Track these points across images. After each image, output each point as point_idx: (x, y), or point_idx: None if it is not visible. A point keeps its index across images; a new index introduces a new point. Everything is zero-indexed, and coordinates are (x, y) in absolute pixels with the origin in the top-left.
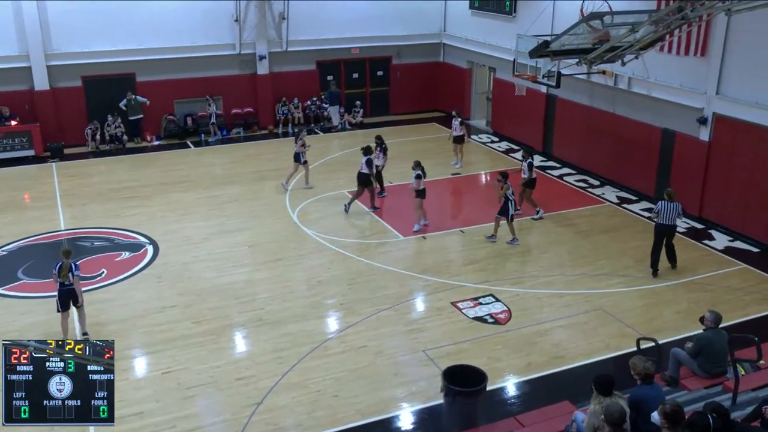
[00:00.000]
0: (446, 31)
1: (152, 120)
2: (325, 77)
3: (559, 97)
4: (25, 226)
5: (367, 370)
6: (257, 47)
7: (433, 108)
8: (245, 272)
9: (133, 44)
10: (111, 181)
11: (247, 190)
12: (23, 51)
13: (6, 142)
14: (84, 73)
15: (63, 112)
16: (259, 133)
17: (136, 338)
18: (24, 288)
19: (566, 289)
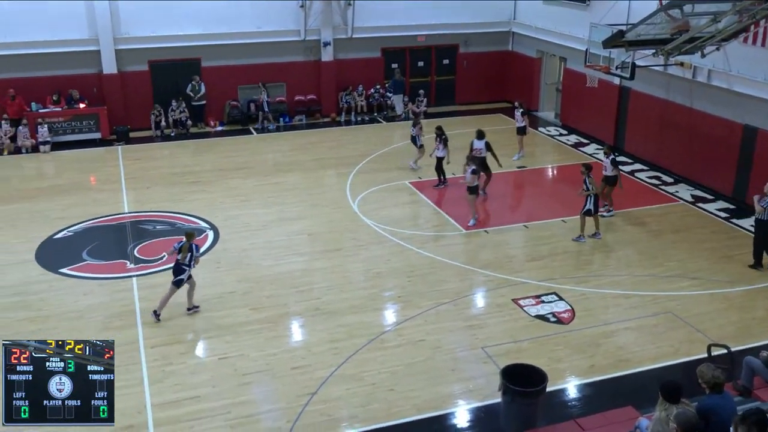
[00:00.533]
0: (516, 19)
1: (215, 106)
2: (389, 65)
3: (632, 90)
4: (91, 208)
5: (424, 365)
6: (322, 33)
7: (500, 98)
8: (303, 261)
9: (199, 29)
10: (174, 166)
11: (307, 178)
12: (93, 35)
13: (74, 125)
14: (151, 58)
15: (129, 96)
16: (321, 121)
17: (193, 323)
18: (88, 269)
19: (634, 290)
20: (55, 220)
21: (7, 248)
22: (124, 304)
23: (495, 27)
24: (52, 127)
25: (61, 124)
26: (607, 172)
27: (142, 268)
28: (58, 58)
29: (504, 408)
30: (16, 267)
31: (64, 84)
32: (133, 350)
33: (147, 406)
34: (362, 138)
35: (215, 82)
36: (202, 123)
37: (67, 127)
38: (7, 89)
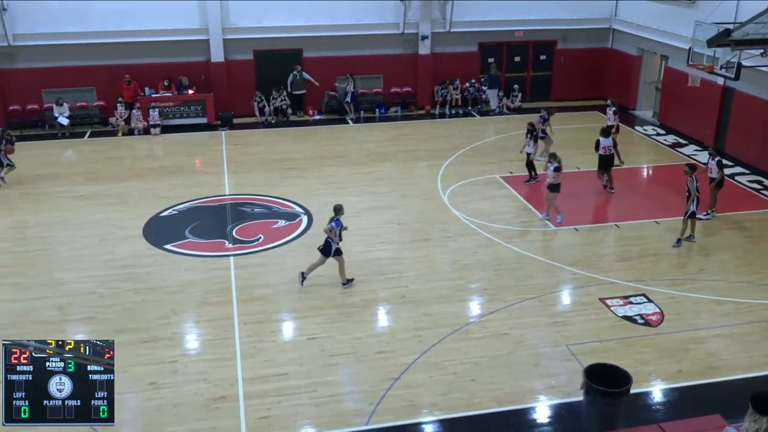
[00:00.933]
0: (617, 15)
1: (314, 95)
2: (486, 59)
3: (737, 90)
4: (194, 189)
5: (507, 358)
6: (420, 27)
7: (597, 96)
8: (392, 249)
9: (302, 21)
10: (273, 152)
11: (400, 169)
12: (203, 24)
13: (183, 110)
14: (255, 47)
15: (234, 84)
16: (415, 113)
17: (285, 303)
18: (189, 246)
19: (728, 296)
20: (162, 199)
21: (119, 224)
22: (221, 281)
23: (595, 23)
24: (163, 111)
25: (170, 108)
26: (713, 174)
27: (239, 248)
28: (170, 46)
29: (585, 407)
30: (126, 241)
31: (174, 71)
32: (227, 326)
33: (239, 380)
34: (455, 131)
35: (315, 72)
36: (302, 111)
37: (176, 112)
38: (123, 75)
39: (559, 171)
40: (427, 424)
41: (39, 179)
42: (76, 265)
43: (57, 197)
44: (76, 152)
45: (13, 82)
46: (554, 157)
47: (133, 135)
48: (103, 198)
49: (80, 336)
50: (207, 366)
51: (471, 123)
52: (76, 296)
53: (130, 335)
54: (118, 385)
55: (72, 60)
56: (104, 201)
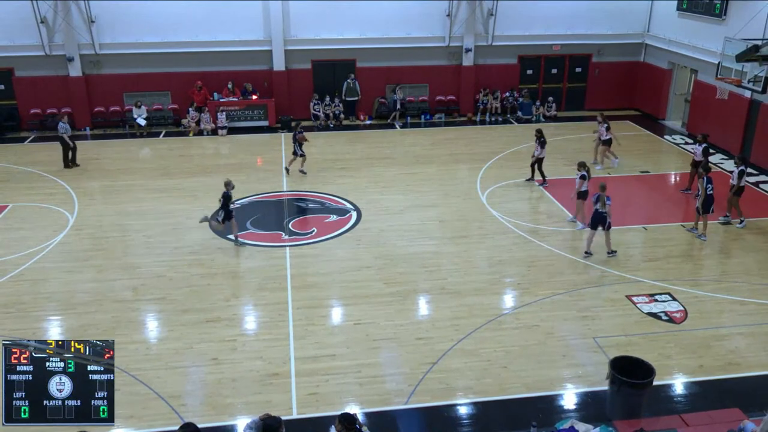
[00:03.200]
0: (650, 31)
1: (366, 102)
2: (525, 71)
3: (763, 103)
4: (255, 185)
5: (537, 348)
6: (465, 40)
7: (628, 106)
8: (433, 244)
9: (356, 33)
10: (327, 153)
11: (442, 170)
12: (267, 36)
13: (247, 113)
14: (313, 57)
15: (293, 90)
16: (458, 120)
17: (334, 291)
18: (250, 237)
19: (750, 297)
20: None
21: (188, 214)
22: (278, 269)
23: (628, 38)
24: (229, 114)
25: (236, 112)
26: (733, 181)
27: (294, 239)
28: (237, 55)
29: (610, 396)
30: (195, 230)
31: (240, 78)
32: (282, 309)
33: (291, 359)
34: (494, 137)
35: (367, 80)
36: (354, 117)
37: (241, 115)
38: (195, 81)
39: (584, 179)
40: (461, 405)
41: (119, 173)
42: (149, 250)
43: (134, 190)
44: (151, 150)
45: (99, 87)
46: (582, 165)
47: (203, 135)
48: (174, 191)
49: (151, 315)
50: (263, 345)
51: (509, 130)
52: (149, 278)
53: (196, 315)
54: (184, 360)
55: (150, 67)
56: (176, 194)
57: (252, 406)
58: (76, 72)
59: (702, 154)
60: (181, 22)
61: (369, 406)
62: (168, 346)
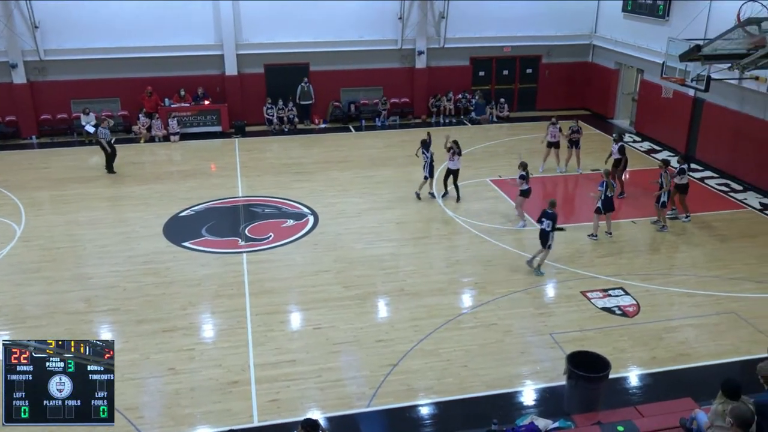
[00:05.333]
0: (597, 32)
1: (320, 105)
2: (477, 72)
3: (706, 101)
4: (210, 191)
5: (496, 346)
6: (417, 43)
7: (578, 106)
8: (391, 246)
9: (309, 37)
10: (282, 157)
11: (398, 173)
12: (218, 41)
13: (199, 118)
14: (266, 62)
15: (247, 95)
16: (412, 122)
17: (293, 296)
18: (206, 243)
19: (698, 289)
20: (181, 200)
21: (141, 223)
22: (235, 276)
23: (577, 39)
24: (181, 120)
25: (188, 117)
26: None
27: (251, 245)
28: (188, 60)
29: (568, 391)
30: (148, 239)
31: (192, 83)
32: (240, 316)
33: (251, 366)
34: None
35: (320, 84)
36: (308, 120)
37: (193, 121)
38: (145, 87)
39: (523, 179)
40: (423, 406)
41: (68, 182)
42: (102, 261)
43: (85, 199)
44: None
45: (45, 94)
46: (524, 166)
47: (154, 142)
48: (126, 200)
49: (105, 326)
50: (221, 353)
51: (463, 131)
52: (102, 289)
53: (151, 325)
54: (141, 371)
55: (98, 73)
56: (128, 202)
57: (211, 416)
58: (20, 79)
59: (618, 152)
60: (130, 26)
61: (331, 411)
62: (124, 357)
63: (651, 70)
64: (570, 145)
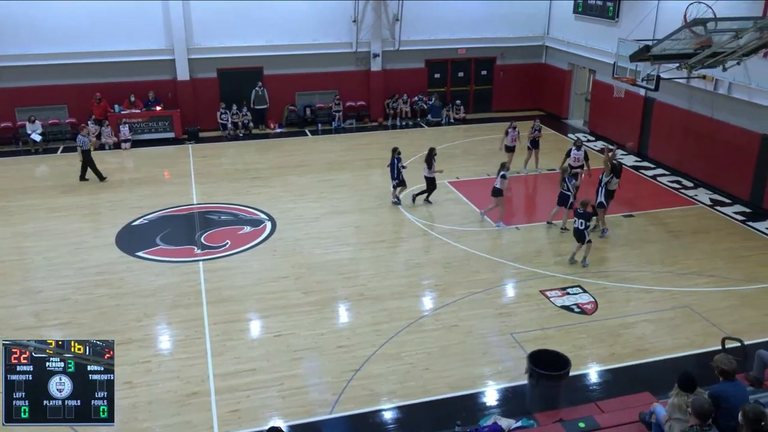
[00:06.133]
0: (549, 34)
1: (275, 110)
2: (433, 75)
3: (657, 100)
4: (164, 198)
5: (458, 348)
6: (372, 46)
7: (533, 107)
8: (350, 251)
9: (263, 40)
10: (238, 163)
11: (356, 176)
12: (169, 45)
13: (151, 125)
14: (219, 66)
15: (200, 100)
16: (369, 125)
17: (251, 304)
18: (161, 253)
19: (653, 285)
20: (133, 209)
21: (92, 233)
22: (191, 285)
23: (530, 41)
24: (132, 126)
25: (139, 124)
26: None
27: (207, 253)
28: (139, 65)
29: (530, 389)
30: (100, 249)
31: (143, 89)
32: (198, 326)
33: (210, 376)
34: (406, 141)
35: (275, 88)
36: (263, 125)
37: (145, 127)
38: (94, 93)
39: (505, 178)
40: (386, 411)
41: (14, 193)
42: (51, 273)
43: (32, 210)
44: (49, 167)
45: None
46: (503, 166)
47: (104, 150)
48: (76, 209)
49: None
50: (179, 365)
51: (420, 133)
52: (52, 303)
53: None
54: None
55: (44, 79)
56: (78, 212)
57: (170, 429)
58: None
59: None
60: (77, 31)
61: (293, 419)
62: None
63: (603, 71)
64: (530, 146)
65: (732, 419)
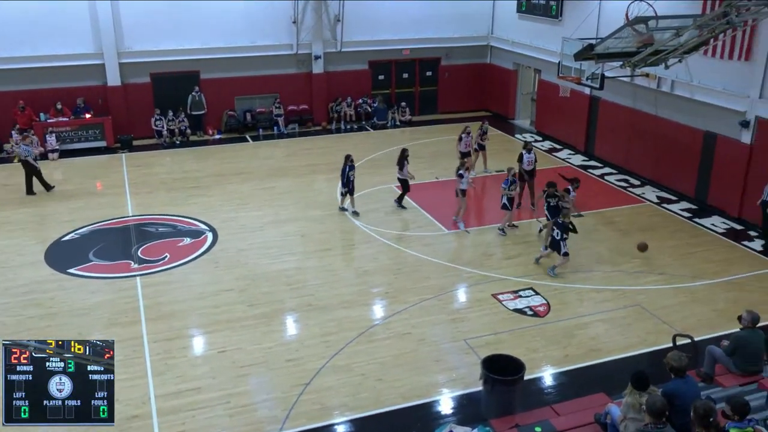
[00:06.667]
0: (494, 33)
1: (214, 115)
2: (377, 76)
3: (602, 99)
4: (96, 211)
5: (410, 356)
6: (313, 47)
7: (480, 108)
8: (296, 260)
9: (198, 43)
10: (175, 172)
11: (300, 183)
12: (98, 49)
13: (81, 133)
14: (152, 70)
15: (132, 107)
16: (312, 129)
17: (194, 319)
18: (94, 269)
19: (604, 285)
20: (64, 223)
21: (19, 250)
22: (129, 301)
23: (474, 41)
24: (60, 135)
25: (68, 133)
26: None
27: (145, 267)
28: (65, 71)
29: (485, 396)
30: (28, 267)
31: (71, 96)
32: (137, 345)
33: (151, 397)
34: (351, 145)
35: (213, 93)
36: (201, 132)
37: (74, 136)
38: (17, 101)
39: (462, 177)
40: (339, 424)
41: None
42: None
43: None
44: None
45: None
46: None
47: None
48: (0, 225)
49: None
50: (118, 386)
51: (365, 137)
52: None
53: None
54: None
55: None
56: (2, 228)
57: None
58: None
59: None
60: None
61: None
62: None
63: (548, 70)
64: (478, 148)
65: (685, 416)
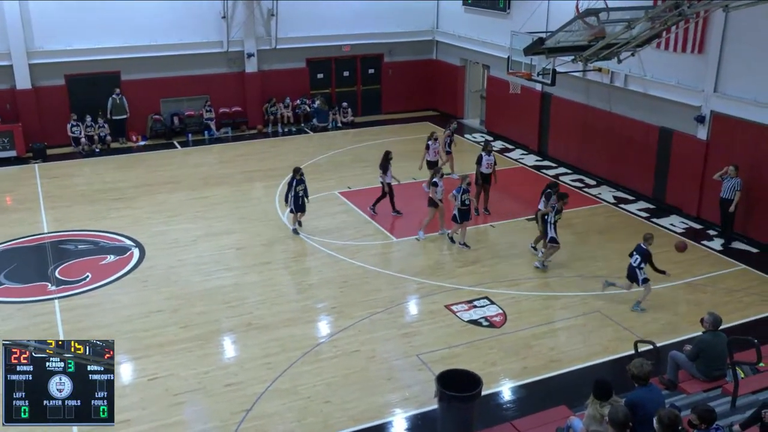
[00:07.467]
0: (439, 28)
1: (137, 120)
2: (315, 75)
3: (554, 95)
4: (7, 228)
5: (360, 375)
6: (245, 45)
7: (426, 107)
8: (234, 276)
9: (118, 42)
10: (95, 183)
11: (235, 191)
12: (4, 49)
13: None
14: (67, 72)
15: (46, 112)
16: (247, 133)
17: (121, 344)
18: (6, 293)
19: (563, 291)
20: None
21: None
22: (46, 327)
23: (418, 36)
24: None
25: None
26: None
27: (64, 289)
28: None
29: (441, 414)
30: None
31: None
32: None
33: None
34: (290, 149)
35: (136, 95)
36: (124, 138)
37: None
38: None
39: (435, 186)
40: None
41: None
42: None
43: None
44: None
45: None
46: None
47: None
48: None
49: None
50: None
51: (305, 140)
52: None
53: None
54: None
55: None
56: None
57: None
58: None
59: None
60: None
61: None
62: None
63: (497, 66)
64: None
65: (649, 426)
